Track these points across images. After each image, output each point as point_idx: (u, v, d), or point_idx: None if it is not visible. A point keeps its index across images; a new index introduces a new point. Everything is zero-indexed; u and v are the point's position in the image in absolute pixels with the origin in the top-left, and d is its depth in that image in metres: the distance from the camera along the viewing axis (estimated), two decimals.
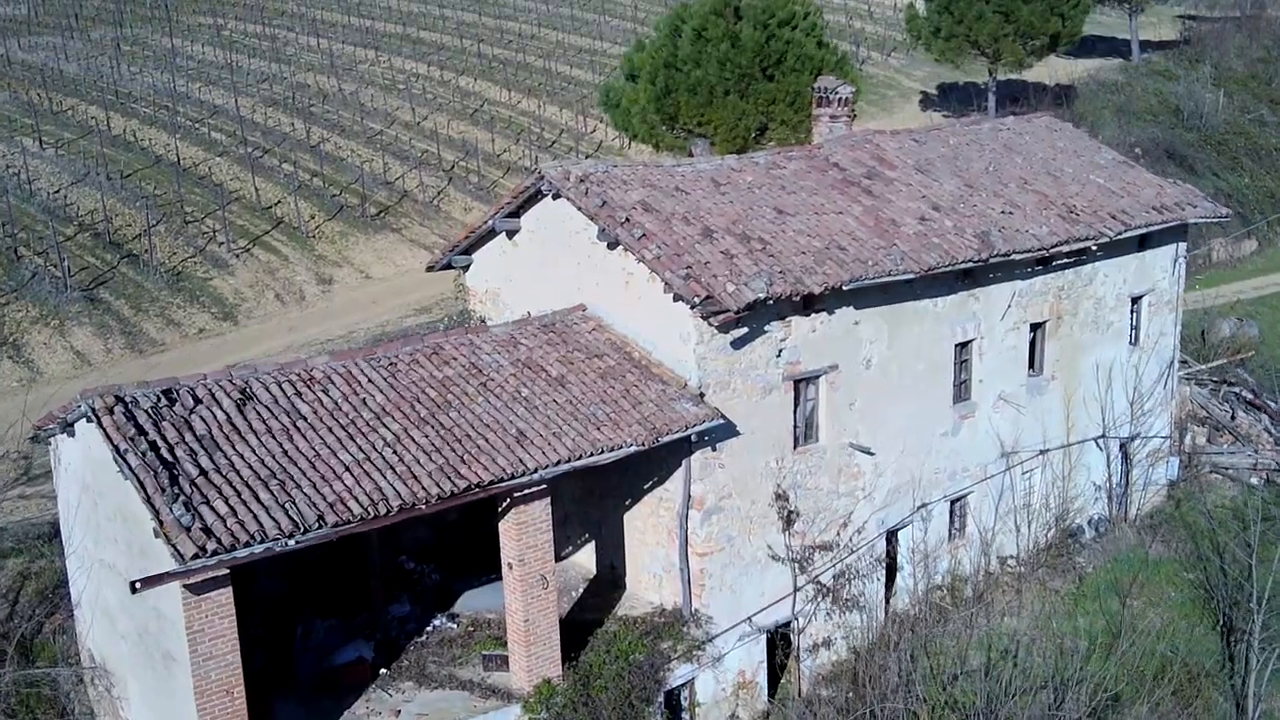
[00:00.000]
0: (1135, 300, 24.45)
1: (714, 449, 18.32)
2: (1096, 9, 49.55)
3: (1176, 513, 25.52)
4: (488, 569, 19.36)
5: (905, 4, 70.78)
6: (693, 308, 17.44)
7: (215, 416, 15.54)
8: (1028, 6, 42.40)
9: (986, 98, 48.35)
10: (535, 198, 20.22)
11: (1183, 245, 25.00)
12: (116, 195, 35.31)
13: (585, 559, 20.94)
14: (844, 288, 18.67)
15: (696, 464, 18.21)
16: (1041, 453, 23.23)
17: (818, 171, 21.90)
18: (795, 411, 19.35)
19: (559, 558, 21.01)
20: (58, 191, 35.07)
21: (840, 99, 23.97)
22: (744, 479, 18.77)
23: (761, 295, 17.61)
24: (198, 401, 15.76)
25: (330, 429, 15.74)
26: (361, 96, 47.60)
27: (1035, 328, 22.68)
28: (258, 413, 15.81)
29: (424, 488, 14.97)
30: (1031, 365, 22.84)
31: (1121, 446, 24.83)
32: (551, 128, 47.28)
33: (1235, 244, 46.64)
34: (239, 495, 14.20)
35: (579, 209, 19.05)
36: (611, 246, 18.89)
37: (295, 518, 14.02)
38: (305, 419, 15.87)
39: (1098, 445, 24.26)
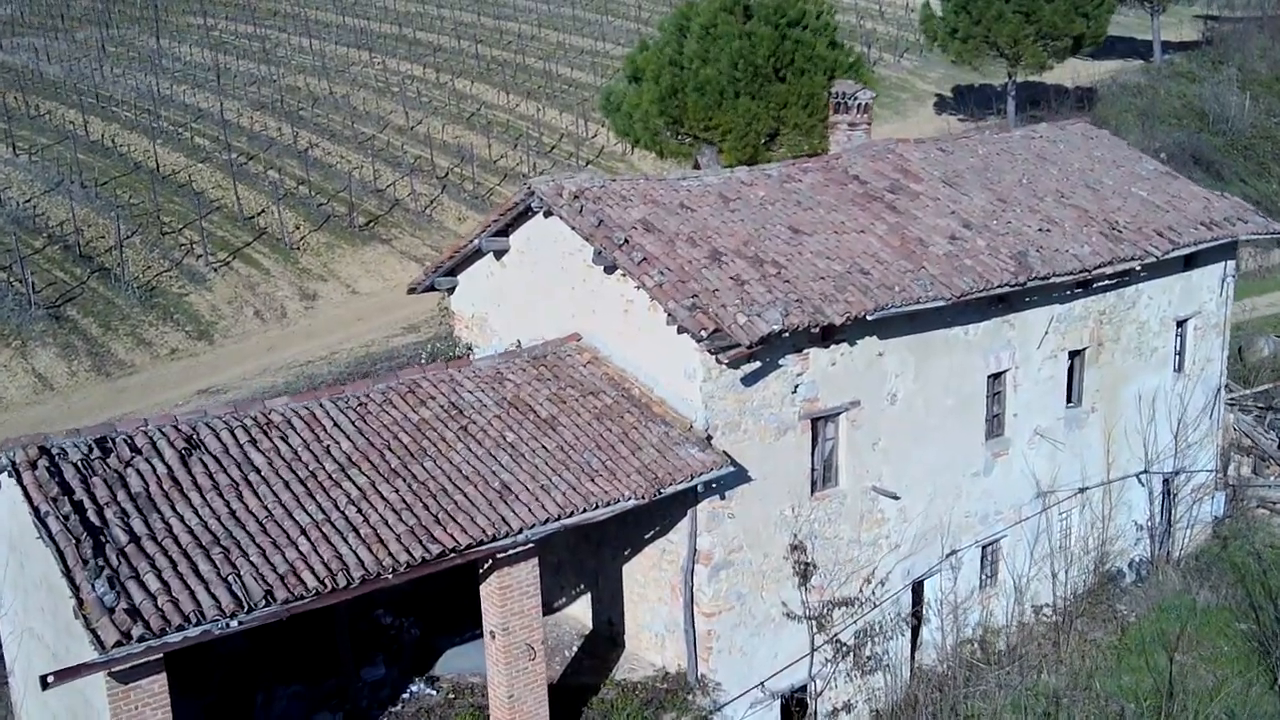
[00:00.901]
0: (1180, 324, 22.49)
1: (722, 497, 16.41)
2: (1117, 9, 47.50)
3: (1223, 553, 23.56)
4: (474, 622, 17.37)
5: (919, 4, 68.92)
6: (699, 342, 15.52)
7: (155, 470, 13.62)
8: (1050, 6, 40.40)
9: (1005, 101, 46.39)
10: (525, 215, 18.32)
11: (1231, 264, 23.04)
12: (90, 204, 33.45)
13: (580, 612, 19.02)
14: (868, 317, 16.72)
15: (703, 514, 16.30)
16: (1080, 491, 21.28)
17: (836, 185, 19.96)
18: (813, 453, 17.44)
19: (551, 609, 19.12)
20: (29, 200, 33.21)
21: (859, 105, 22.03)
22: (756, 529, 16.86)
23: (776, 328, 15.69)
24: (136, 452, 13.84)
25: (287, 483, 13.81)
26: (353, 99, 45.73)
27: (1074, 355, 20.74)
28: (204, 464, 13.88)
29: (391, 554, 13.04)
30: (1069, 396, 20.90)
31: (1165, 482, 22.87)
32: (551, 132, 45.38)
33: (1264, 253, 44.60)
34: (175, 567, 12.28)
35: (573, 229, 17.14)
36: (609, 271, 16.97)
37: (239, 594, 12.10)
38: (258, 471, 13.95)
39: (1140, 481, 22.29)
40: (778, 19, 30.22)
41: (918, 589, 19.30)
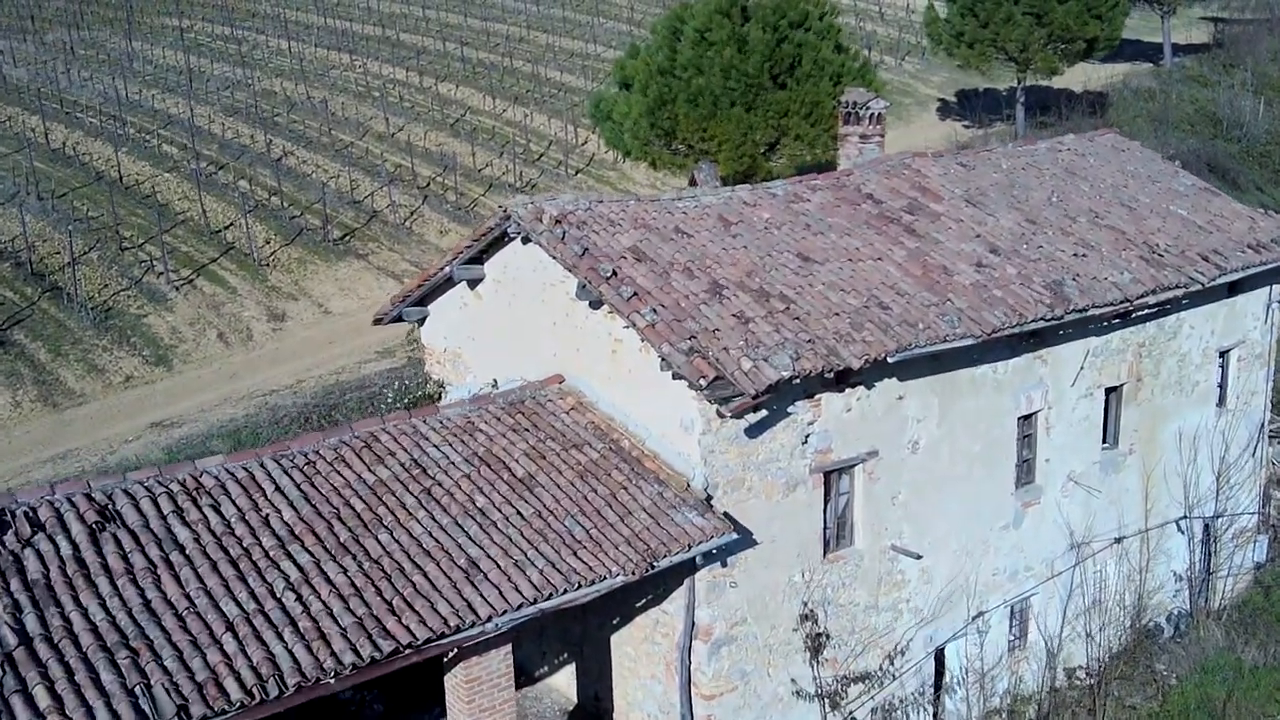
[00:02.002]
0: (1223, 354, 20.52)
1: (724, 564, 14.42)
2: (1130, 11, 45.58)
3: (1266, 603, 21.58)
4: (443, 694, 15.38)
5: (921, 6, 66.96)
6: (698, 391, 13.51)
7: (58, 550, 11.59)
8: (1063, 8, 38.41)
9: (1013, 106, 44.47)
10: (501, 240, 16.31)
11: (1278, 288, 21.06)
12: (46, 218, 31.36)
13: (564, 682, 17.03)
14: (889, 360, 14.73)
15: (702, 584, 14.31)
16: (1116, 541, 19.30)
17: (848, 205, 17.97)
18: (825, 510, 15.46)
19: (532, 679, 17.13)
20: None
21: (872, 115, 20.05)
22: (762, 599, 14.87)
23: (786, 374, 13.69)
24: (37, 528, 11.80)
25: (215, 564, 11.77)
26: (332, 104, 43.67)
27: (1110, 392, 18.75)
28: (118, 542, 11.85)
29: (334, 653, 11.00)
30: (1105, 437, 18.92)
31: (1205, 528, 20.90)
32: (539, 139, 43.36)
33: None
34: (71, 677, 10.24)
35: (554, 258, 15.12)
36: (595, 306, 14.97)
37: (147, 709, 10.06)
38: (182, 550, 11.91)
39: (1179, 528, 20.32)
40: (776, 20, 28.23)
41: (940, 656, 17.32)
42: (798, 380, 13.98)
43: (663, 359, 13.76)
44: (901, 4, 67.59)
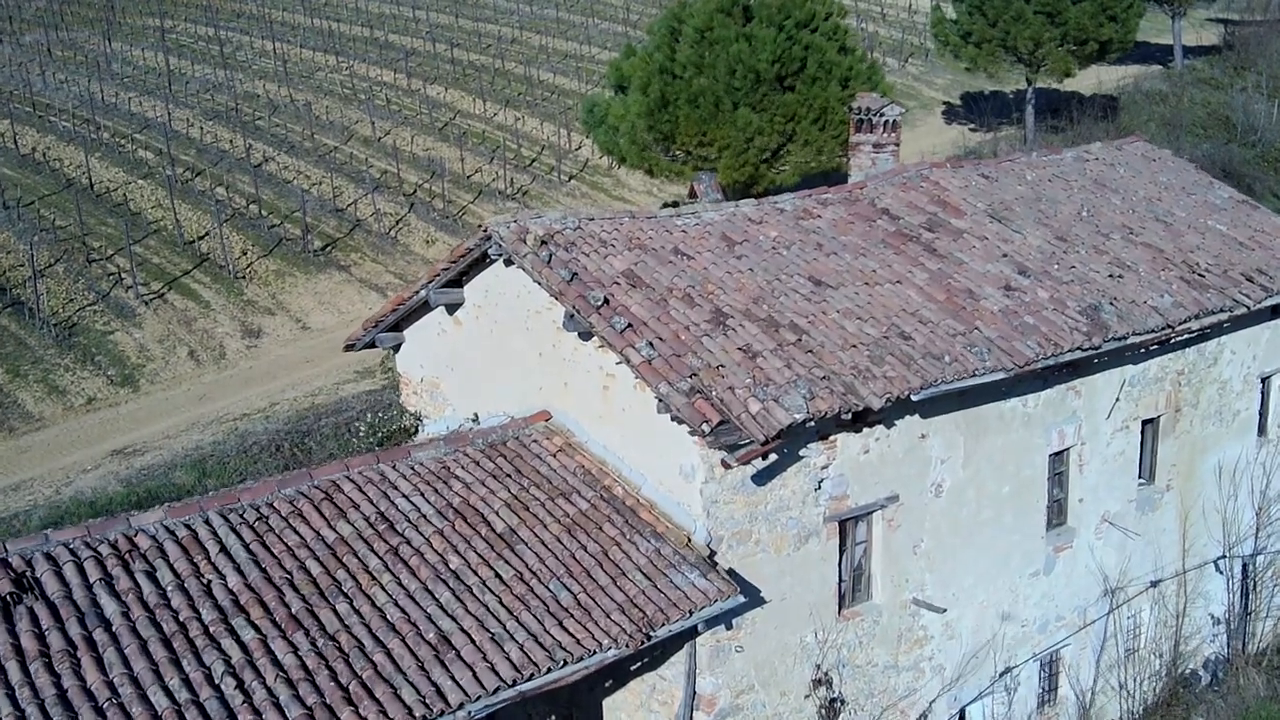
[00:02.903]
0: (1264, 380, 19.01)
1: (729, 627, 12.89)
2: (1145, 12, 44.04)
3: None
4: None
5: (925, 6, 65.44)
6: (700, 437, 11.98)
7: None
8: (1077, 7, 36.87)
9: (1021, 109, 42.97)
10: (482, 261, 14.78)
11: None
12: (11, 228, 29.78)
13: None
14: (912, 398, 13.21)
15: (704, 650, 12.78)
16: (1152, 585, 17.79)
17: (863, 221, 16.44)
18: (840, 562, 13.95)
19: None
20: None
21: (886, 122, 18.54)
22: (771, 663, 13.35)
23: (799, 417, 12.17)
24: None
25: (145, 644, 10.22)
26: (316, 108, 42.08)
27: (1146, 425, 17.24)
28: (34, 618, 10.29)
29: None
30: (1141, 473, 17.40)
31: (1244, 567, 19.40)
32: (531, 144, 41.80)
33: None
34: None
35: (539, 284, 13.60)
36: (585, 337, 13.44)
37: None
38: (108, 626, 10.36)
39: (1217, 568, 18.82)
40: (782, 20, 26.71)
41: (963, 717, 15.79)
42: (812, 423, 12.46)
43: (660, 400, 12.24)
44: (903, 4, 66.11)
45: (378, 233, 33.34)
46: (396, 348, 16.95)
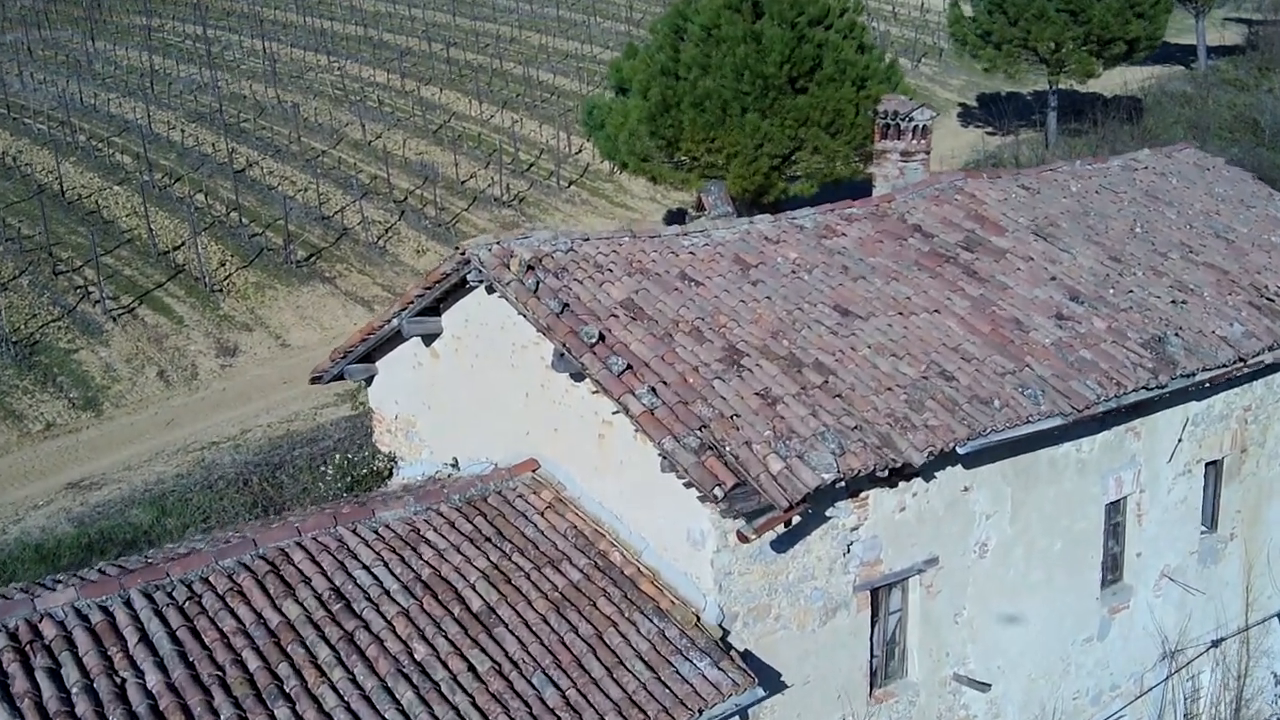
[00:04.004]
0: None
1: (744, 716, 11.05)
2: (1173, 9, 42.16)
3: None
4: None
5: (938, 5, 63.58)
6: (712, 503, 10.15)
7: None
8: (1101, 4, 35.00)
9: (1040, 112, 41.13)
10: (462, 286, 12.95)
11: None
12: None
13: None
14: (959, 450, 11.37)
15: None
16: (1214, 645, 15.92)
17: (892, 239, 14.60)
18: (872, 635, 12.13)
19: None
20: None
21: (916, 128, 16.69)
22: None
23: (828, 477, 10.34)
24: None
25: None
26: (305, 110, 40.29)
27: (1209, 466, 15.39)
28: None
29: None
30: (1204, 521, 15.56)
31: None
32: (529, 147, 39.98)
33: None
34: None
35: (524, 316, 11.77)
36: (578, 378, 11.61)
37: None
38: None
39: None
40: (794, 16, 24.87)
41: None
42: (842, 483, 10.62)
43: (664, 456, 10.40)
44: (915, 3, 64.30)
45: (365, 242, 31.54)
46: (369, 380, 15.13)
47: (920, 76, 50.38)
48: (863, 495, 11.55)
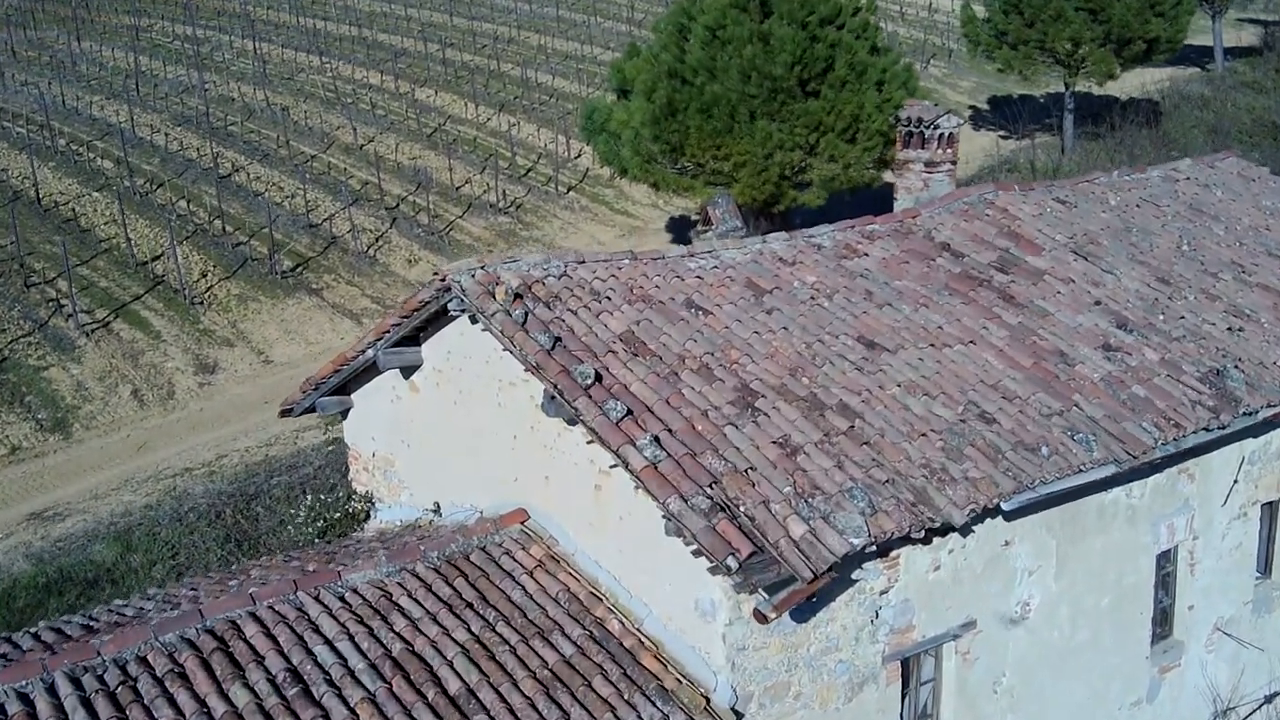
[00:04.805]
0: None
1: None
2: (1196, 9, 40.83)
3: None
4: None
5: (946, 6, 62.26)
6: (726, 575, 8.81)
7: None
8: (1122, 3, 33.65)
9: (1054, 115, 39.79)
10: (443, 315, 11.62)
11: None
12: None
13: None
14: (1004, 506, 10.04)
15: None
16: (1267, 701, 14.58)
17: (919, 260, 13.27)
18: (903, 710, 10.78)
19: None
20: None
21: (941, 136, 15.36)
22: None
23: (858, 543, 9.02)
24: None
25: None
26: (295, 112, 38.98)
27: (1265, 508, 14.05)
28: None
29: None
30: (1259, 567, 14.22)
31: None
32: (526, 152, 38.64)
33: None
34: None
35: (511, 352, 10.44)
36: (572, 422, 10.27)
37: None
38: None
39: None
40: (805, 16, 23.52)
41: None
42: (874, 548, 9.29)
43: (669, 518, 9.06)
44: (923, 3, 62.99)
45: (355, 251, 30.21)
46: (344, 413, 13.81)
47: (929, 78, 49.01)
48: (893, 554, 10.21)
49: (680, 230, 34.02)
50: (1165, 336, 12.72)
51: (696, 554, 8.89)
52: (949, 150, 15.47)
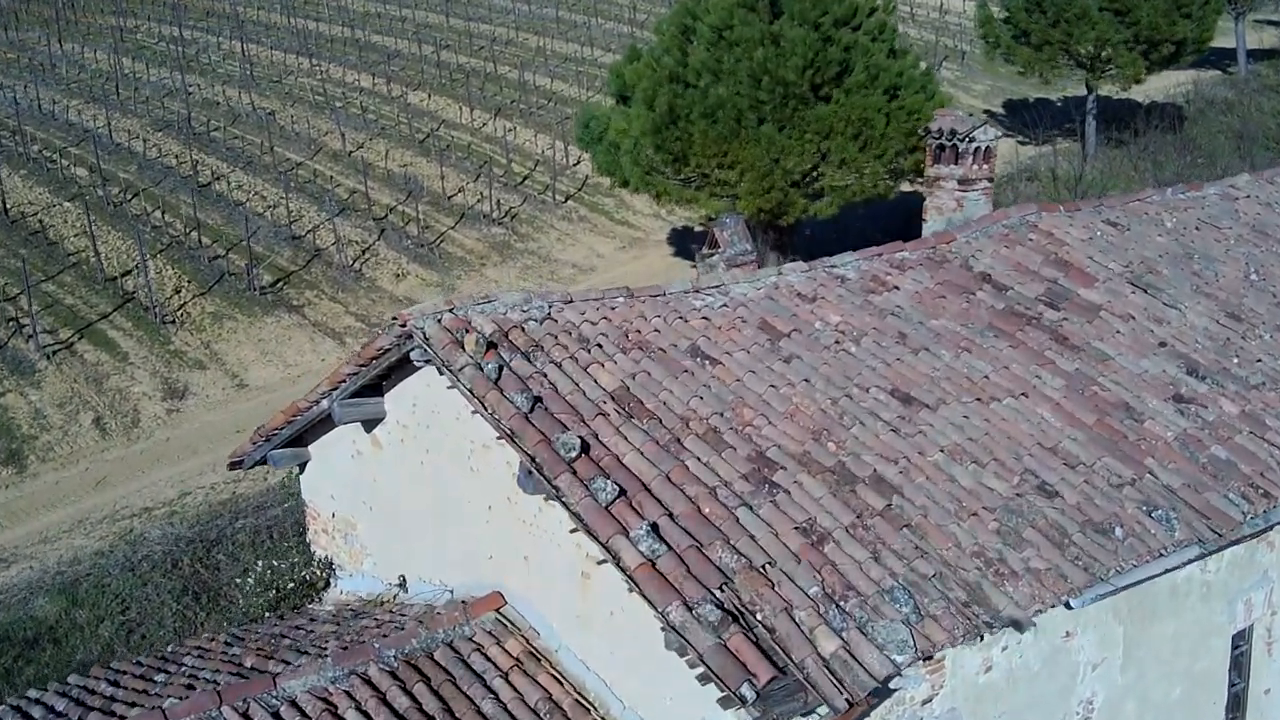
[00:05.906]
0: None
1: None
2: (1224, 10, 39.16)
3: None
4: None
5: (957, 7, 60.55)
6: (742, 705, 7.14)
7: None
8: (1149, 3, 31.95)
9: (1073, 120, 38.08)
10: (406, 364, 9.96)
11: None
12: None
13: None
14: (1070, 604, 8.37)
15: None
16: None
17: (957, 294, 11.58)
18: None
19: None
20: None
21: (978, 150, 13.70)
22: None
23: (902, 660, 7.36)
24: None
25: None
26: (281, 117, 37.35)
27: None
28: None
29: None
30: None
31: None
32: (523, 158, 36.98)
33: None
34: None
35: (483, 415, 8.76)
36: (551, 498, 8.60)
37: None
38: None
39: None
40: (818, 17, 21.86)
41: None
42: (919, 662, 7.62)
43: (670, 631, 7.39)
44: (934, 4, 61.29)
45: (339, 265, 28.55)
46: (301, 467, 12.16)
47: (941, 82, 47.20)
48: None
49: (683, 242, 32.34)
50: (1242, 384, 11.03)
51: (704, 680, 7.22)
52: (985, 166, 13.81)
